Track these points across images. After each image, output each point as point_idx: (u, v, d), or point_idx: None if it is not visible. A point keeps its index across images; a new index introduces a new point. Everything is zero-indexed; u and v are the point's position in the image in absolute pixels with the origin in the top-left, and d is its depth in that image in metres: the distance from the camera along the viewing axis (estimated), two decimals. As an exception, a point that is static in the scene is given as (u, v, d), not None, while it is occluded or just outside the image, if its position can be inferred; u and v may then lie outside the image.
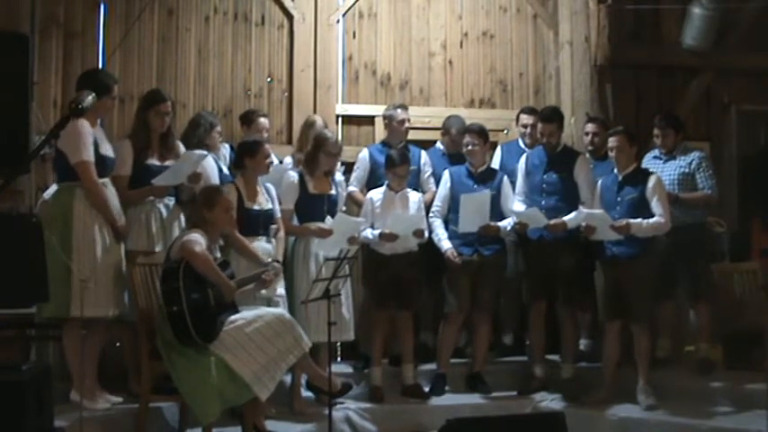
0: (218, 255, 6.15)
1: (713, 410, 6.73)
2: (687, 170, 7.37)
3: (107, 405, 6.06)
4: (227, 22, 8.39)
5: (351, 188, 7.62)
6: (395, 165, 7.13)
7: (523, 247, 7.54)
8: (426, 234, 7.18)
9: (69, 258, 5.80)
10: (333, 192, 7.01)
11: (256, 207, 6.56)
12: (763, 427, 5.89)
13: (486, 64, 8.93)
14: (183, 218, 6.51)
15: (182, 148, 6.57)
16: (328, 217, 6.82)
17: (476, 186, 7.28)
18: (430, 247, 7.28)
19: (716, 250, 8.06)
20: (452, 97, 8.84)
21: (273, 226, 6.69)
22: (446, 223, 7.33)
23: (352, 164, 7.78)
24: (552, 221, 7.07)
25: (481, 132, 7.36)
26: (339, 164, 7.41)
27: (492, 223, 7.16)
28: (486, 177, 7.37)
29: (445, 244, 7.22)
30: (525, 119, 7.98)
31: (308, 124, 7.63)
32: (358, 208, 7.49)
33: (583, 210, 6.95)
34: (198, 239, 5.79)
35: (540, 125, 7.49)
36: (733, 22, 8.77)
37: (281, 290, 6.56)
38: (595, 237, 6.93)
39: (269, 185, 6.78)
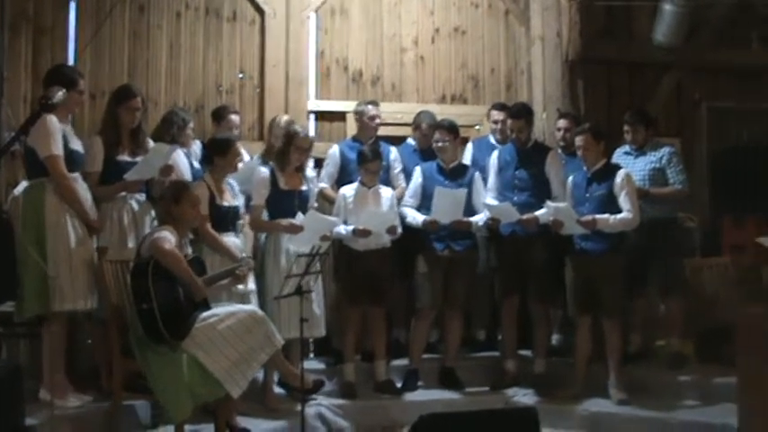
0: (189, 251, 6.13)
1: (684, 404, 6.80)
2: (657, 165, 7.39)
3: (78, 403, 6.01)
4: (199, 18, 8.36)
5: (321, 184, 7.60)
6: (367, 160, 7.13)
7: (495, 242, 7.53)
8: (399, 230, 7.18)
9: (42, 255, 5.77)
10: (304, 188, 6.99)
11: (226, 204, 6.54)
12: (732, 421, 5.93)
13: (458, 60, 8.95)
14: (154, 213, 6.47)
15: (151, 143, 6.54)
16: (299, 213, 6.80)
17: (447, 182, 7.26)
18: (402, 242, 7.25)
19: (687, 245, 8.09)
20: (424, 93, 8.86)
21: (240, 221, 6.68)
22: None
23: (324, 160, 7.76)
24: (524, 216, 7.09)
25: (451, 128, 7.34)
26: (311, 160, 7.41)
27: (464, 218, 7.17)
28: (458, 173, 7.36)
29: (420, 217, 7.18)
30: (496, 115, 8.00)
31: (274, 124, 7.58)
32: (329, 204, 7.47)
33: (549, 204, 6.97)
34: (167, 237, 5.74)
35: (509, 121, 7.51)
36: (704, 18, 8.82)
37: (252, 285, 6.54)
38: (564, 231, 6.95)
39: (231, 181, 6.76)
